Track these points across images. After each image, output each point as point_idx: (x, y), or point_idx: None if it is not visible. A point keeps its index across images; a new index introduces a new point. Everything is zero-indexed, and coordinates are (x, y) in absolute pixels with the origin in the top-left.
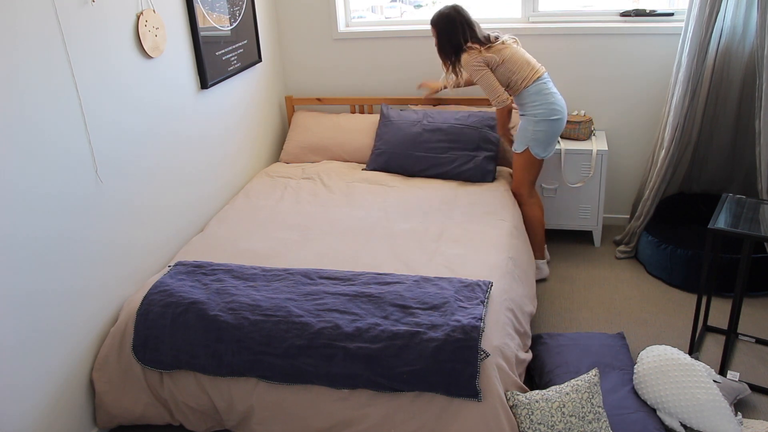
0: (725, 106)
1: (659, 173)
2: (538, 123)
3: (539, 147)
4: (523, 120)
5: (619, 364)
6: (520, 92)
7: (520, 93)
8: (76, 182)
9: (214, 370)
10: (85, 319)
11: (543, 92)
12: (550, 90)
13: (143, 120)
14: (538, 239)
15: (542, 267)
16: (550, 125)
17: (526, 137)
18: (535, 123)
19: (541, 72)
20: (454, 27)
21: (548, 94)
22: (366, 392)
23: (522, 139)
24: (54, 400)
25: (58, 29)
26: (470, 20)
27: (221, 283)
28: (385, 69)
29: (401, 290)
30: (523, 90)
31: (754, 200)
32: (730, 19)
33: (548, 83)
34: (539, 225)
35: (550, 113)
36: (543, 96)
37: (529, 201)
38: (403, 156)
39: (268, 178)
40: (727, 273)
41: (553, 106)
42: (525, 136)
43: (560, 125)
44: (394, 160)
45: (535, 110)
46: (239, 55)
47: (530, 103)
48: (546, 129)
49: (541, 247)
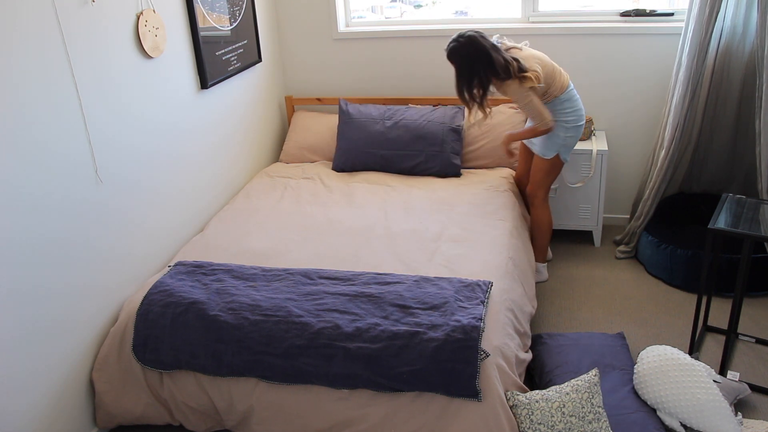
0: (725, 106)
1: (659, 173)
2: (569, 129)
3: (567, 152)
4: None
5: (619, 364)
6: (552, 101)
7: (551, 101)
8: (76, 182)
9: (214, 370)
10: (85, 319)
11: (573, 98)
12: (578, 95)
13: (143, 120)
14: (543, 242)
15: (542, 270)
16: (578, 130)
17: (557, 144)
18: (566, 129)
19: (568, 78)
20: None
21: (577, 100)
22: (366, 392)
23: (552, 145)
24: (54, 400)
25: (58, 29)
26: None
27: (221, 283)
28: (385, 69)
29: (401, 290)
30: (556, 98)
31: (754, 200)
32: (730, 19)
33: (574, 89)
34: (549, 228)
35: (578, 119)
36: (573, 102)
37: (543, 204)
38: (367, 154)
39: (268, 178)
40: (727, 273)
41: (581, 111)
42: (555, 142)
43: (583, 129)
44: (360, 158)
45: (566, 117)
46: (239, 55)
47: (562, 111)
48: (575, 134)
49: (544, 250)
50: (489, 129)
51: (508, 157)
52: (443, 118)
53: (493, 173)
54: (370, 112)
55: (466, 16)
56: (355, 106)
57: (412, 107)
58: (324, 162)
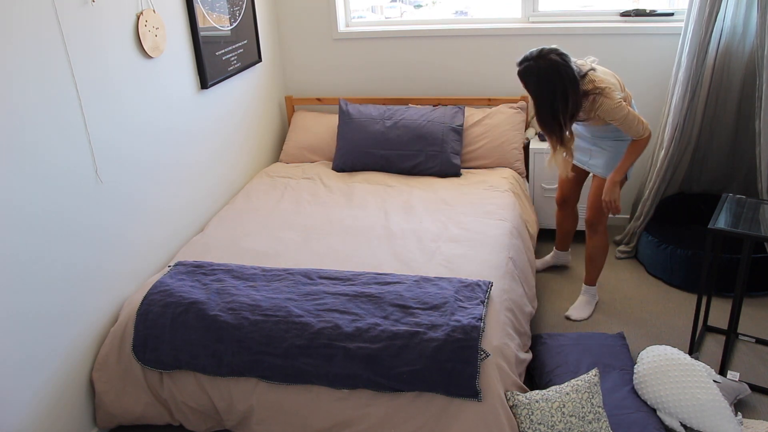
0: (725, 106)
1: (659, 173)
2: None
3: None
4: (619, 145)
5: (619, 364)
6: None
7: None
8: (76, 182)
9: (214, 370)
10: (85, 319)
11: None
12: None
13: (143, 120)
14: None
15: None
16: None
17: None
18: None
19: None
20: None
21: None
22: (366, 392)
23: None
24: (54, 400)
25: (58, 29)
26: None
27: (221, 283)
28: (384, 69)
29: (401, 290)
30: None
31: (754, 200)
32: (730, 19)
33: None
34: (606, 253)
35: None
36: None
37: (606, 231)
38: (367, 154)
39: (268, 178)
40: (727, 273)
41: None
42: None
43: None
44: (360, 158)
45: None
46: (239, 55)
47: None
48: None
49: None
50: (489, 129)
51: (613, 212)
52: (443, 118)
53: (493, 173)
54: (370, 112)
55: (466, 16)
56: (355, 106)
57: (412, 107)
58: (324, 162)
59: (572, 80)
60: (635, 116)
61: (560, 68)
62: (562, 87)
